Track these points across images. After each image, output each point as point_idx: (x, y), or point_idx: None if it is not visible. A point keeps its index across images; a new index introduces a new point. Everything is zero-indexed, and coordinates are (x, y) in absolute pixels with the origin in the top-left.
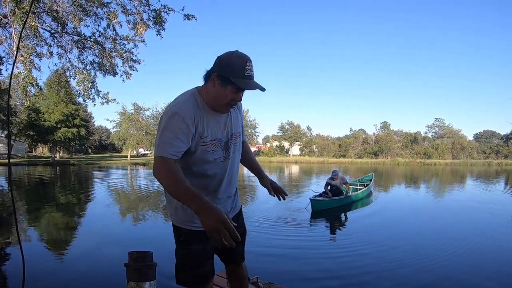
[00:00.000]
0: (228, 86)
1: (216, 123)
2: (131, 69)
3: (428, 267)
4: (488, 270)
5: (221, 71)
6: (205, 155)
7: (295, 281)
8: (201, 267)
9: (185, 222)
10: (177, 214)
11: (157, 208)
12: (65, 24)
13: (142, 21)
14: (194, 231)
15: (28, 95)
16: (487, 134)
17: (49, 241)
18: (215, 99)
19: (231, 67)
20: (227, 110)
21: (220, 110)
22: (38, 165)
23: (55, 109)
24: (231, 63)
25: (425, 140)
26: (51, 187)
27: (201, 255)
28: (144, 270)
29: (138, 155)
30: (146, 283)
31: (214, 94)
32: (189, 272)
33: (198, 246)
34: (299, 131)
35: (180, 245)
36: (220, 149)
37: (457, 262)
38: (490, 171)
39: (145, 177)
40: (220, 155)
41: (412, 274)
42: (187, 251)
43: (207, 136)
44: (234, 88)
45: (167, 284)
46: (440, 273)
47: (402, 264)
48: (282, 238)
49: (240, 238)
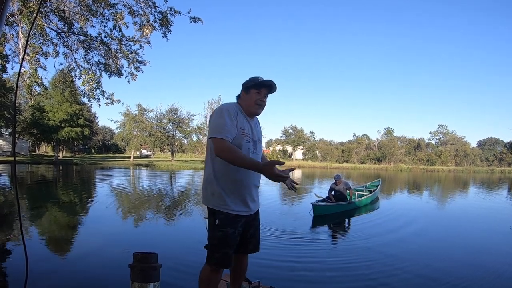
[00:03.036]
0: (251, 90)
1: (248, 124)
2: (137, 70)
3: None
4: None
5: (245, 85)
6: (242, 141)
7: (296, 286)
8: (231, 248)
9: (220, 205)
10: (214, 199)
11: (160, 210)
12: (71, 24)
13: (149, 23)
14: (228, 214)
15: (33, 94)
16: (491, 141)
17: (51, 239)
18: (247, 104)
19: (250, 80)
20: (259, 111)
21: (254, 112)
22: (41, 164)
23: (60, 108)
24: (250, 79)
25: (428, 147)
26: (53, 186)
27: (232, 237)
28: (148, 272)
29: (141, 156)
30: (150, 285)
31: (245, 102)
32: (221, 251)
33: (231, 229)
34: (302, 136)
35: (216, 228)
36: (250, 142)
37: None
38: (493, 178)
39: (148, 178)
40: (251, 146)
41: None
42: (222, 233)
43: (244, 129)
44: (255, 89)
45: (171, 285)
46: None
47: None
48: (284, 243)
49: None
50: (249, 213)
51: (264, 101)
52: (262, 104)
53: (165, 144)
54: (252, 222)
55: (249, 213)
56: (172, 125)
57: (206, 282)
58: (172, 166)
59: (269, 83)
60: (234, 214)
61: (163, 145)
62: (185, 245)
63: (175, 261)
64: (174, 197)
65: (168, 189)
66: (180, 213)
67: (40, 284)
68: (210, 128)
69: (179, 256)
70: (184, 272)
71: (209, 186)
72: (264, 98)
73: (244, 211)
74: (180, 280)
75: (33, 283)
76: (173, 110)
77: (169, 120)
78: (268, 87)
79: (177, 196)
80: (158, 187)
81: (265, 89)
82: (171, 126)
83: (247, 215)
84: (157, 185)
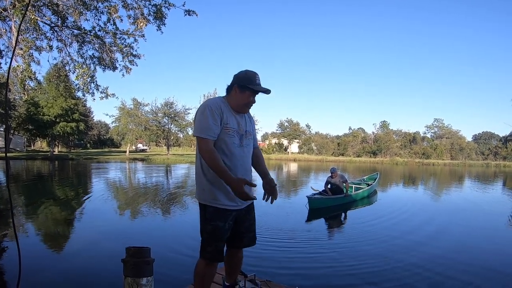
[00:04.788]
0: (246, 91)
1: (234, 118)
2: (131, 63)
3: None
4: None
5: (240, 82)
6: (226, 137)
7: (291, 279)
8: (222, 241)
9: (211, 200)
10: (204, 194)
11: (155, 204)
12: (65, 18)
13: (143, 16)
14: (217, 208)
15: (26, 89)
16: (486, 135)
17: (46, 235)
18: (238, 102)
19: (247, 78)
20: (247, 110)
21: (242, 111)
22: (36, 159)
23: (54, 103)
24: (247, 76)
25: (424, 140)
26: (49, 181)
27: (222, 231)
28: (141, 266)
29: (136, 150)
30: (143, 279)
31: (236, 99)
32: (213, 245)
33: (221, 223)
34: (298, 129)
35: (206, 222)
36: (236, 136)
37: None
38: (489, 172)
39: (143, 172)
40: (236, 140)
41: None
42: (212, 227)
43: (228, 123)
44: (251, 92)
45: (164, 280)
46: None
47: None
48: (279, 236)
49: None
50: (240, 207)
51: (254, 102)
52: (252, 105)
53: (160, 138)
54: (245, 216)
55: (240, 207)
56: (168, 119)
57: (201, 275)
58: (168, 160)
59: (267, 93)
60: (224, 208)
61: (158, 139)
62: (179, 239)
63: (169, 255)
64: (169, 191)
65: (164, 183)
66: (175, 207)
67: (33, 280)
68: (194, 125)
69: (173, 250)
70: (178, 265)
71: (199, 180)
72: (255, 101)
73: (233, 205)
74: (174, 274)
75: (26, 280)
76: (169, 104)
77: (164, 114)
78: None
79: (172, 190)
80: (154, 180)
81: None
82: (166, 120)
83: (238, 209)
84: (153, 179)
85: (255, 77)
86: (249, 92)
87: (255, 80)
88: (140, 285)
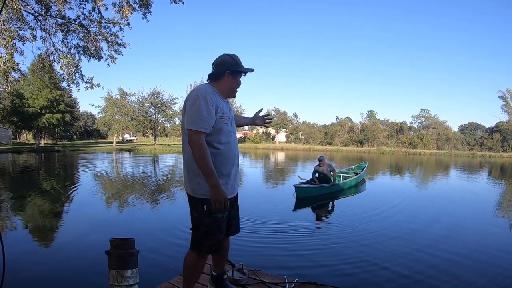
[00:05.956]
0: (237, 76)
1: (226, 105)
2: (116, 53)
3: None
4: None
5: (232, 67)
6: (222, 125)
7: (279, 268)
8: (222, 232)
9: (207, 194)
10: (201, 187)
11: (142, 195)
12: (49, 7)
13: (128, 4)
14: None
15: (9, 80)
16: (472, 126)
17: (32, 229)
18: (232, 88)
19: (236, 63)
20: (236, 95)
21: (232, 96)
22: (22, 152)
23: (39, 94)
24: (235, 60)
25: (410, 130)
26: (35, 174)
27: (222, 222)
28: (125, 258)
29: (123, 141)
30: (127, 271)
31: (230, 85)
32: (213, 238)
33: (220, 214)
34: (286, 118)
35: (205, 215)
36: (229, 124)
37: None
38: (474, 162)
39: (130, 163)
40: (230, 127)
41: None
42: (213, 219)
43: (224, 112)
44: (240, 76)
45: (149, 271)
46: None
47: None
48: (266, 225)
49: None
50: (232, 195)
51: (241, 84)
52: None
53: (147, 128)
54: (233, 204)
55: (233, 195)
56: (155, 109)
57: (192, 268)
58: (155, 150)
59: (252, 71)
60: None
61: (145, 129)
62: (166, 230)
63: (156, 245)
64: (156, 181)
65: (151, 174)
66: (161, 198)
67: (19, 275)
68: (186, 117)
69: (160, 241)
70: (165, 256)
71: (193, 174)
72: (241, 82)
73: (229, 195)
74: (159, 265)
75: (12, 276)
76: (155, 93)
77: (151, 104)
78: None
79: (160, 181)
80: (141, 170)
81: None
82: (153, 109)
83: (231, 197)
84: (140, 169)
85: (239, 60)
86: (239, 76)
87: (241, 63)
88: (124, 277)
